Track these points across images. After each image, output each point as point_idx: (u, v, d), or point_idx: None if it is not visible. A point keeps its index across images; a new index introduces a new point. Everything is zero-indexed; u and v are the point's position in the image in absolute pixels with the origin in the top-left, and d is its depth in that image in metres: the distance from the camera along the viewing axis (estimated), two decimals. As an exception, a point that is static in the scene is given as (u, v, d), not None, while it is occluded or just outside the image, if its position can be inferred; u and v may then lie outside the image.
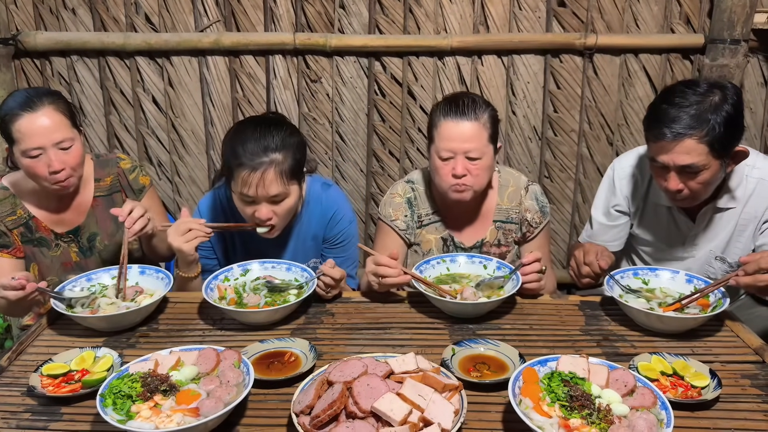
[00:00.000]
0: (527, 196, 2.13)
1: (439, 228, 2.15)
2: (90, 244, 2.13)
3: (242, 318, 1.75)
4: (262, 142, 1.85)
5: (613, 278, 1.85)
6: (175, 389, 1.36)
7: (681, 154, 1.80)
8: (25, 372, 1.55)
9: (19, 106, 1.89)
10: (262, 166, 1.83)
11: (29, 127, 1.88)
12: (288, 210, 1.94)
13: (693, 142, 1.78)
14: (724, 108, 1.78)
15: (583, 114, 2.97)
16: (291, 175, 1.89)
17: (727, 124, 1.77)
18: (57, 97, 1.98)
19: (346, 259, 2.14)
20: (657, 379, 1.46)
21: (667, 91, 1.91)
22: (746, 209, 2.02)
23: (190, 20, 2.86)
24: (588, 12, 2.82)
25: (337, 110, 2.97)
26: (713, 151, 1.79)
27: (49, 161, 1.90)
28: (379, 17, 2.84)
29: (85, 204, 2.12)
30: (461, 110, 1.95)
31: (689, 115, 1.78)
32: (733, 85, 1.87)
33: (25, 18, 2.86)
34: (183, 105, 2.96)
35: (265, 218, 1.89)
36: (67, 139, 1.93)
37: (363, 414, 1.23)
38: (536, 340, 1.70)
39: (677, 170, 1.84)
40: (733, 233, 2.05)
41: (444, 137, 1.95)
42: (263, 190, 1.85)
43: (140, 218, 1.91)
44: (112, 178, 2.15)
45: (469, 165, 1.95)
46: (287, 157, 1.87)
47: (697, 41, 2.81)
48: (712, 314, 1.68)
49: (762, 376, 1.52)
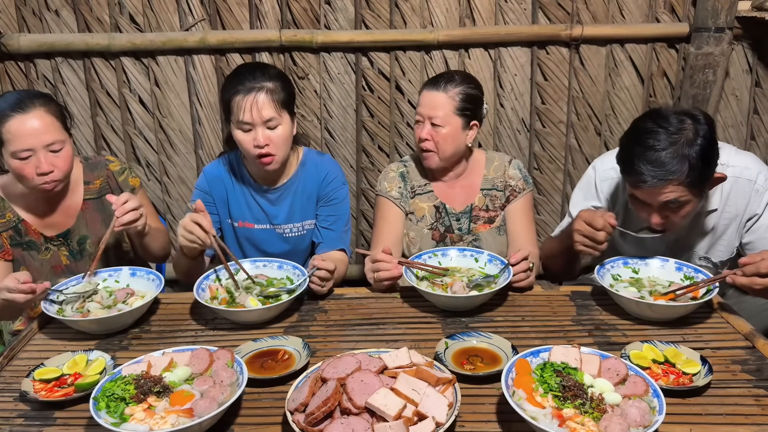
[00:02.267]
0: (510, 167, 2.29)
1: (431, 197, 2.28)
2: (80, 247, 2.12)
3: (234, 317, 1.75)
4: (255, 73, 2.04)
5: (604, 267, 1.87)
6: (169, 390, 1.36)
7: (662, 194, 1.77)
8: (17, 377, 1.54)
9: (9, 107, 1.87)
10: (255, 90, 2.00)
11: (19, 128, 1.86)
12: (282, 139, 2.06)
13: (672, 186, 1.75)
14: (697, 142, 1.73)
15: (570, 105, 2.98)
16: (283, 104, 2.05)
17: (703, 157, 1.73)
18: (48, 99, 1.96)
19: (338, 218, 2.26)
20: (649, 367, 1.47)
21: (638, 130, 1.82)
22: (726, 209, 2.02)
23: (175, 19, 2.84)
24: (573, 3, 2.83)
25: (325, 106, 2.97)
26: (693, 188, 1.77)
27: (38, 163, 1.88)
28: (365, 12, 2.84)
29: (74, 207, 2.10)
30: (436, 81, 2.17)
31: (665, 160, 1.72)
32: (703, 113, 1.81)
33: (7, 20, 2.83)
34: (170, 105, 2.94)
35: (262, 143, 2.02)
36: (58, 141, 1.91)
37: (357, 410, 1.23)
38: (528, 332, 1.70)
39: (658, 207, 1.81)
40: (715, 234, 2.05)
41: (419, 103, 2.19)
42: (258, 113, 2.00)
43: (132, 210, 1.89)
44: (102, 180, 2.14)
45: (432, 131, 2.15)
46: (278, 87, 2.04)
47: (682, 30, 2.82)
48: (702, 301, 1.70)
49: (752, 362, 1.53)
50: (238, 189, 2.24)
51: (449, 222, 2.26)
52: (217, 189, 2.22)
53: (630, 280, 1.88)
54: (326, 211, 2.25)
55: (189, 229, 1.86)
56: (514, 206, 2.26)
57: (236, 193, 2.24)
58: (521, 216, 2.25)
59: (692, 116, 1.77)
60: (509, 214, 2.27)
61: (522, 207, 2.27)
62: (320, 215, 2.26)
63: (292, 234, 2.25)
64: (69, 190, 2.08)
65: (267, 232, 2.25)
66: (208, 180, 2.24)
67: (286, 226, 2.24)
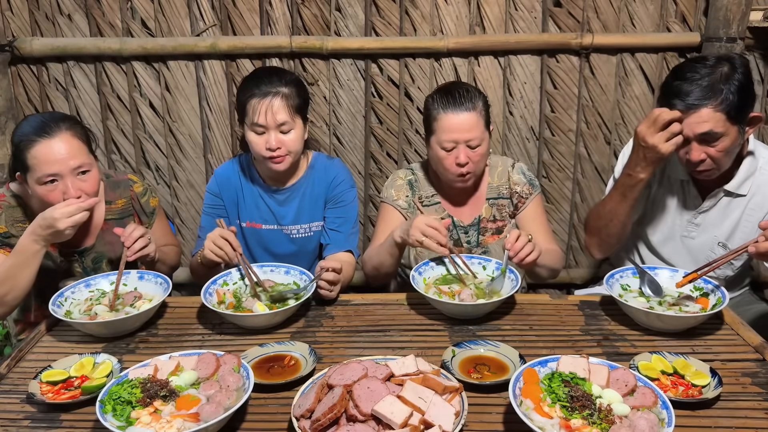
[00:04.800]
0: (514, 172, 2.25)
1: (439, 209, 2.25)
2: (95, 266, 2.10)
3: (241, 322, 1.75)
4: (272, 78, 2.10)
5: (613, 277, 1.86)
6: (175, 394, 1.36)
7: (699, 123, 1.85)
8: (24, 379, 1.55)
9: (34, 131, 1.84)
10: (271, 95, 2.05)
11: (46, 153, 1.82)
12: (294, 143, 2.10)
13: (709, 111, 1.83)
14: (734, 77, 1.84)
15: (580, 113, 2.96)
16: (297, 110, 2.09)
17: (739, 92, 1.84)
18: (74, 122, 1.94)
19: (346, 220, 2.27)
20: (657, 379, 1.46)
21: (677, 68, 1.97)
22: (755, 199, 2.05)
23: (186, 24, 2.85)
24: (584, 12, 2.82)
25: (334, 113, 2.97)
26: (730, 119, 1.84)
27: (65, 189, 1.85)
28: (375, 19, 2.84)
29: (95, 226, 2.09)
30: (459, 101, 2.05)
31: (702, 87, 1.84)
32: (741, 56, 1.94)
33: (21, 24, 2.85)
34: (180, 109, 2.95)
35: (274, 146, 2.05)
36: (85, 164, 1.88)
37: (363, 417, 1.23)
38: (536, 341, 1.69)
39: (697, 140, 1.87)
40: (738, 221, 2.07)
41: (446, 129, 2.05)
42: (272, 117, 2.03)
43: (141, 238, 1.89)
44: (125, 201, 2.13)
45: (470, 153, 2.06)
46: (293, 92, 2.09)
47: (693, 40, 2.81)
48: (711, 312, 1.68)
49: (763, 374, 1.52)
50: (247, 189, 2.26)
51: (458, 235, 2.24)
52: (227, 191, 2.25)
53: (639, 290, 1.86)
54: (334, 213, 2.26)
55: (219, 245, 1.90)
56: (524, 213, 2.24)
57: (245, 193, 2.26)
58: (533, 220, 2.23)
59: (729, 58, 1.90)
60: (521, 222, 2.24)
61: (532, 212, 2.24)
62: (328, 217, 2.27)
63: (299, 235, 2.25)
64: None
65: (274, 232, 2.27)
66: (218, 182, 2.26)
67: (294, 227, 2.25)
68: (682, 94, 1.86)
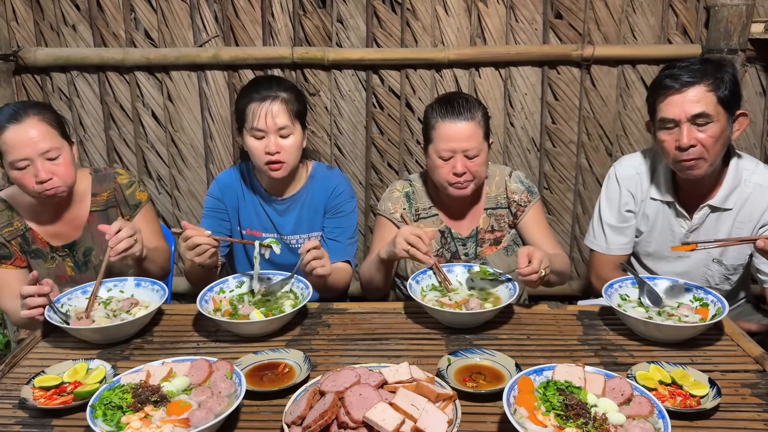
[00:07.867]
0: (511, 180, 2.23)
1: (436, 221, 2.23)
2: (86, 259, 2.13)
3: (237, 329, 1.74)
4: (271, 83, 2.11)
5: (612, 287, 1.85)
6: (166, 400, 1.35)
7: (692, 104, 1.88)
8: (17, 384, 1.54)
9: (5, 119, 1.91)
10: (270, 99, 2.06)
11: (15, 138, 1.89)
12: (293, 148, 2.10)
13: (702, 89, 1.88)
14: (724, 68, 1.92)
15: (581, 125, 2.96)
16: (296, 115, 2.10)
17: (729, 81, 1.90)
18: (43, 107, 1.99)
19: (344, 230, 2.27)
20: (655, 389, 1.44)
21: (667, 65, 2.04)
22: (742, 212, 2.04)
23: (189, 35, 2.88)
24: (585, 23, 2.83)
25: (335, 123, 2.98)
26: (720, 103, 1.88)
27: (36, 171, 1.91)
28: (377, 31, 2.86)
29: (81, 218, 2.12)
30: (458, 111, 2.04)
31: (694, 69, 1.91)
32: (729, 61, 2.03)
33: (26, 34, 2.88)
34: (182, 119, 2.97)
35: (273, 150, 2.05)
36: (54, 148, 1.93)
37: (355, 424, 1.21)
38: (533, 350, 1.68)
39: (690, 121, 1.89)
40: (729, 236, 2.06)
41: (443, 138, 2.04)
42: (272, 121, 2.04)
43: (127, 238, 1.86)
44: (109, 193, 2.15)
45: (468, 163, 2.04)
46: (292, 98, 2.10)
47: (694, 51, 2.80)
48: (711, 323, 1.66)
49: (762, 385, 1.49)
50: (248, 198, 2.27)
51: (455, 248, 2.22)
52: (228, 196, 2.25)
53: (638, 300, 1.85)
54: (333, 223, 2.26)
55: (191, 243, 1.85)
56: (525, 221, 2.22)
57: (246, 201, 2.27)
58: (534, 226, 2.21)
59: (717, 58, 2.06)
60: (523, 229, 2.23)
61: (533, 218, 2.22)
62: (327, 227, 2.27)
63: (298, 245, 2.25)
64: (76, 200, 2.09)
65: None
66: (220, 187, 2.27)
67: (293, 237, 2.25)
68: (675, 76, 1.91)
